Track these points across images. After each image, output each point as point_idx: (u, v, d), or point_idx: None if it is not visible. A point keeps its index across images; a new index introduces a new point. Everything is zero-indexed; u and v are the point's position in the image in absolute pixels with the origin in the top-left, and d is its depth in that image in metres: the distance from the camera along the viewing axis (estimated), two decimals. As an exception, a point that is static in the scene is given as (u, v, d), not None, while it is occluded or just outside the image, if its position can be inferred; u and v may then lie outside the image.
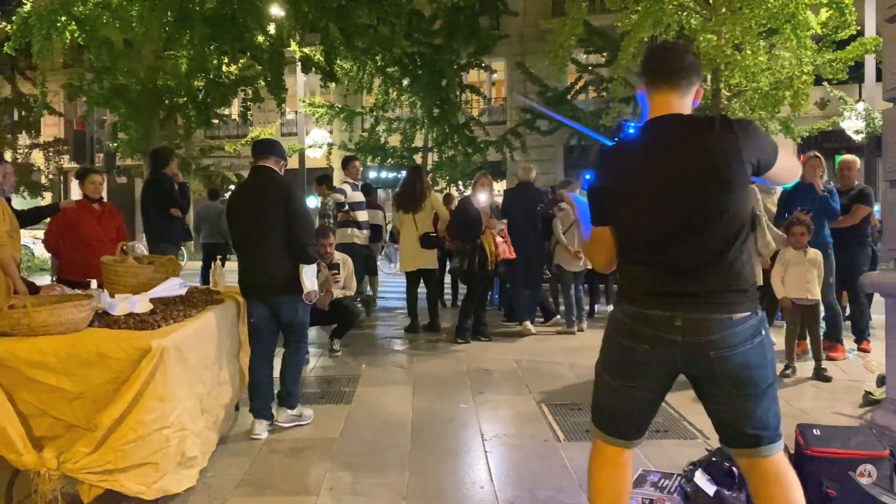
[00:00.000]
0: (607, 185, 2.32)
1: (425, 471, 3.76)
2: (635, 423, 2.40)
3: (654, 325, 2.19)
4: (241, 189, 4.76)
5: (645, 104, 2.34)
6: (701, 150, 2.13)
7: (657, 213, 2.19)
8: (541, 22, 21.37)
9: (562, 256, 8.13)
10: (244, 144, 20.66)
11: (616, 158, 2.35)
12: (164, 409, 3.11)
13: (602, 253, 2.41)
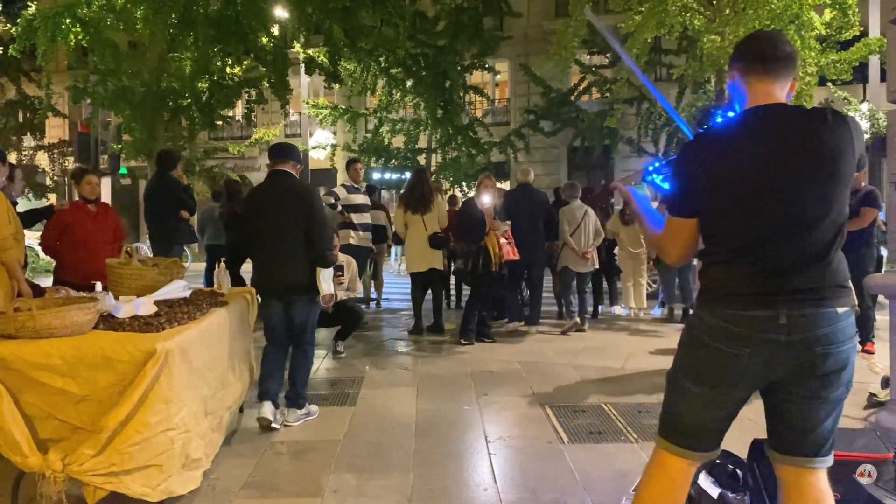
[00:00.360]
0: (702, 175, 2.13)
1: (429, 472, 3.77)
2: (715, 434, 2.28)
3: (755, 326, 2.06)
4: (262, 191, 4.82)
5: (738, 93, 2.22)
6: (815, 143, 2.03)
7: (763, 206, 2.06)
8: (544, 23, 21.38)
9: (569, 258, 8.18)
10: (248, 146, 20.69)
11: (714, 147, 2.16)
12: (168, 411, 3.12)
13: (681, 246, 2.25)
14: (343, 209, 8.24)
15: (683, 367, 2.25)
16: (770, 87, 2.15)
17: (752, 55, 2.18)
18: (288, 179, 4.67)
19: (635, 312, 9.40)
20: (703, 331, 2.16)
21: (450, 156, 17.87)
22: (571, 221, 8.21)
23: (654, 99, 16.76)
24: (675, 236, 2.24)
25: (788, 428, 2.21)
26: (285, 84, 11.88)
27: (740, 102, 2.21)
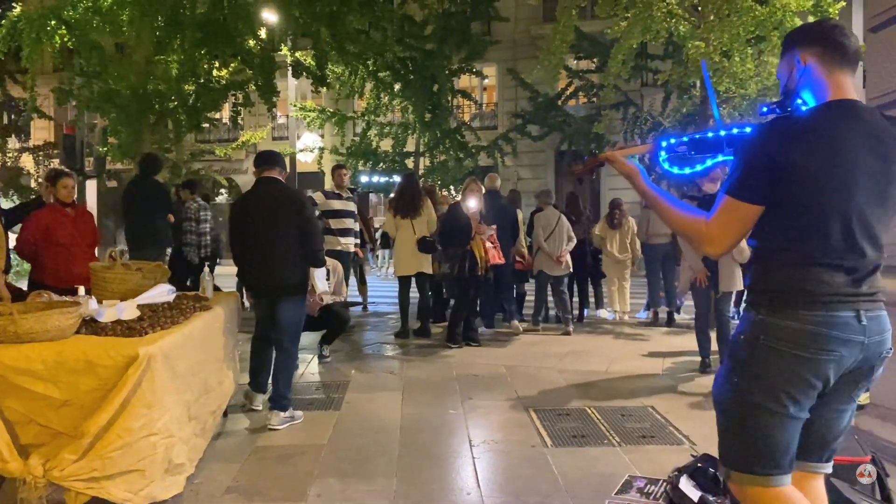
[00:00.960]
0: (784, 163, 1.92)
1: (414, 477, 3.78)
2: (793, 449, 2.05)
3: (840, 327, 1.94)
4: (253, 197, 4.99)
5: (811, 80, 2.06)
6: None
7: (856, 205, 1.93)
8: (532, 28, 21.47)
9: (544, 262, 8.38)
10: (235, 148, 20.61)
11: (803, 136, 1.95)
12: (151, 416, 3.11)
13: (737, 234, 2.02)
14: (321, 215, 8.24)
15: (759, 386, 1.98)
16: (848, 81, 2.04)
17: (835, 43, 2.04)
18: (279, 185, 4.93)
19: (620, 316, 9.47)
20: (778, 339, 1.95)
21: (437, 159, 17.89)
22: (546, 227, 8.44)
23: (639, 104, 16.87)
24: (734, 222, 2.00)
25: (813, 436, 2.09)
26: (272, 87, 11.84)
27: (814, 91, 2.06)
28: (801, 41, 2.11)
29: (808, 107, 2.06)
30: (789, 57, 2.12)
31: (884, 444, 3.91)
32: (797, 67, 2.08)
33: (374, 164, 18.31)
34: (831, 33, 2.06)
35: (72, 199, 5.71)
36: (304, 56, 13.11)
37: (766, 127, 2.01)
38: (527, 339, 8.08)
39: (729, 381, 2.05)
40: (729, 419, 2.07)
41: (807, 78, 2.06)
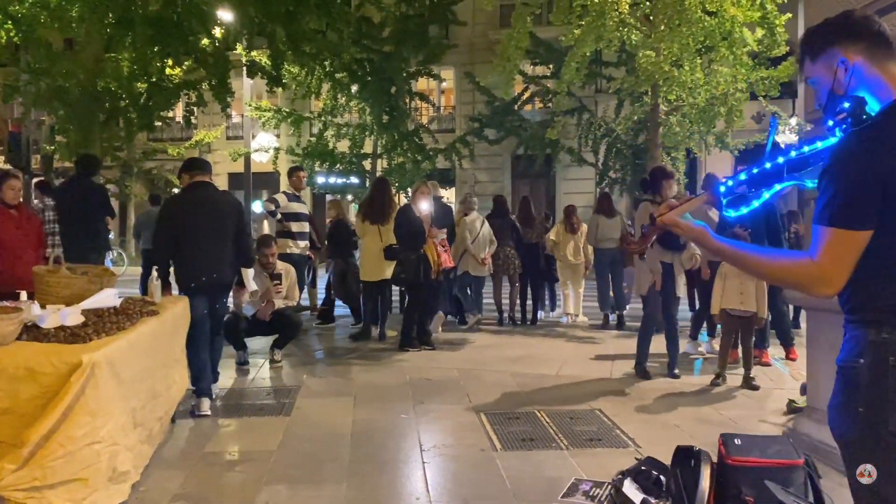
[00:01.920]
0: (885, 177, 1.69)
1: (363, 483, 3.79)
2: None
3: None
4: (190, 198, 5.28)
5: (865, 79, 1.81)
6: None
7: None
8: (489, 32, 21.61)
9: (469, 264, 8.80)
10: (188, 148, 20.31)
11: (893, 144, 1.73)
12: (94, 424, 3.07)
13: (850, 267, 1.74)
14: (282, 217, 8.19)
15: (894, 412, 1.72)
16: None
17: (879, 35, 1.84)
18: (215, 189, 5.41)
19: (572, 318, 9.62)
20: None
21: (395, 161, 17.90)
22: (472, 231, 8.77)
23: (593, 110, 17.12)
24: (848, 255, 1.73)
25: None
26: (226, 86, 11.69)
27: (872, 90, 1.81)
28: (839, 39, 1.85)
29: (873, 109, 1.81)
30: (827, 59, 1.85)
31: (820, 446, 4.05)
32: (842, 68, 1.83)
33: (330, 165, 18.23)
34: (870, 24, 1.86)
35: (17, 201, 5.58)
36: (260, 56, 12.99)
37: (858, 140, 1.76)
38: (481, 343, 8.14)
39: (852, 413, 1.77)
40: (864, 455, 1.76)
41: (859, 77, 1.82)
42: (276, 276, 6.73)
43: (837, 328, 4.01)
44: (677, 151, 14.47)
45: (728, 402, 5.51)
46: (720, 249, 1.98)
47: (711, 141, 14.77)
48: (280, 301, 6.69)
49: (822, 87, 1.88)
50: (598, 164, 17.40)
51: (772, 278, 1.92)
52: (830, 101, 1.84)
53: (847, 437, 1.79)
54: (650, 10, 9.95)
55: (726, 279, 6.03)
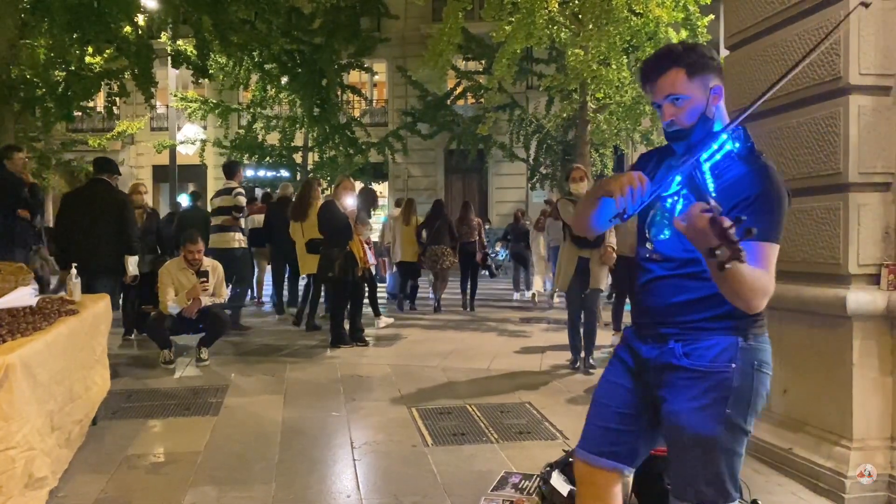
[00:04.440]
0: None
1: (292, 482, 3.75)
2: None
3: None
4: (82, 193, 6.62)
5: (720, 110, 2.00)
6: None
7: None
8: (421, 26, 21.58)
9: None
10: (110, 139, 19.58)
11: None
12: (9, 428, 2.94)
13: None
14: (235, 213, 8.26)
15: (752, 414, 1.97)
16: None
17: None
18: (107, 187, 6.45)
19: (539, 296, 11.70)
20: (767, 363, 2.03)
21: (327, 155, 17.70)
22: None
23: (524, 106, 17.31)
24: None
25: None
26: (150, 76, 11.33)
27: (722, 120, 2.01)
28: (715, 69, 1.98)
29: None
30: (704, 81, 1.95)
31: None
32: (716, 96, 1.97)
33: (260, 158, 17.91)
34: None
35: None
36: (185, 45, 12.63)
37: (771, 166, 1.96)
38: (413, 338, 8.16)
39: (718, 417, 1.91)
40: (720, 453, 1.93)
41: (719, 109, 2.00)
42: (202, 273, 6.57)
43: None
44: (605, 148, 14.79)
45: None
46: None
47: (638, 138, 15.15)
48: (207, 298, 6.54)
49: (695, 107, 1.94)
50: (530, 160, 17.63)
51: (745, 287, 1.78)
52: (702, 122, 1.94)
53: (708, 436, 1.92)
54: (579, 8, 10.13)
55: None
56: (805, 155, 3.84)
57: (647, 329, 2.09)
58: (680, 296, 1.99)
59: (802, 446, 3.74)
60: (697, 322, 1.97)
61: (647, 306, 2.09)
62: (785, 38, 3.98)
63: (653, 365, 2.04)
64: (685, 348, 1.97)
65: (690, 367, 1.95)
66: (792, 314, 3.94)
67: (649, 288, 2.08)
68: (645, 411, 2.09)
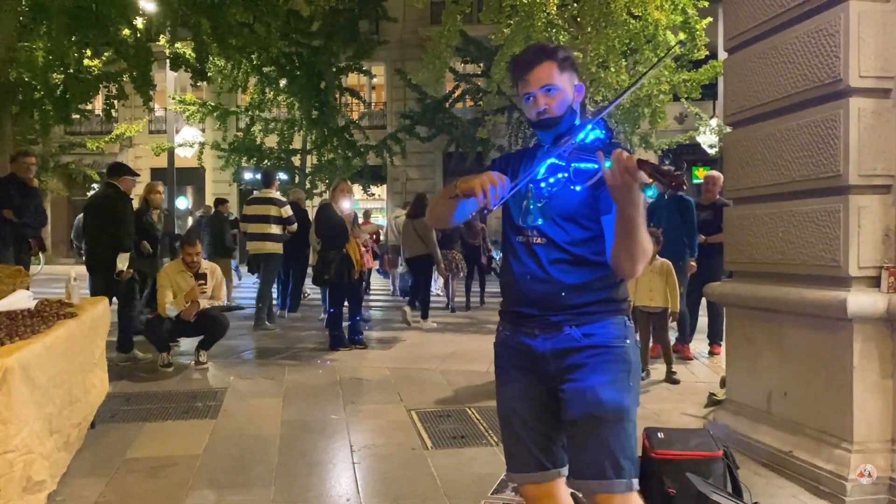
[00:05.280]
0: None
1: (291, 485, 3.74)
2: None
3: None
4: (90, 198, 7.44)
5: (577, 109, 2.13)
6: None
7: None
8: (420, 29, 21.61)
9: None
10: (108, 142, 19.57)
11: None
12: (7, 432, 2.93)
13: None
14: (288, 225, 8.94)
15: (639, 386, 2.14)
16: None
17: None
18: (110, 189, 6.92)
19: None
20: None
21: (325, 157, 17.69)
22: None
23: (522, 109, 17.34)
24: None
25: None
26: (148, 79, 11.29)
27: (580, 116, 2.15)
28: (576, 68, 2.15)
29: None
30: (571, 77, 2.11)
31: (738, 437, 4.22)
32: (580, 93, 2.14)
33: (258, 160, 17.89)
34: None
35: None
36: (184, 48, 12.62)
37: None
38: (412, 341, 8.15)
39: (627, 389, 2.03)
40: (631, 425, 2.02)
41: (578, 104, 2.14)
42: (200, 276, 6.56)
43: (755, 322, 4.18)
44: (603, 150, 14.79)
45: (651, 396, 5.67)
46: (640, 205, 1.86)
47: (636, 141, 15.19)
48: (205, 301, 6.53)
49: (564, 98, 2.06)
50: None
51: (643, 246, 1.88)
52: (570, 114, 2.07)
53: (623, 407, 1.99)
54: (578, 11, 10.13)
55: (638, 277, 6.19)
56: (805, 157, 3.84)
57: (533, 321, 2.09)
58: (568, 280, 2.05)
59: (803, 449, 3.74)
60: (590, 305, 2.05)
61: (531, 296, 2.08)
62: (784, 40, 3.98)
63: (550, 355, 2.06)
64: (582, 330, 2.04)
65: (596, 345, 2.03)
66: (792, 317, 3.95)
67: (531, 277, 2.08)
68: (551, 406, 2.09)
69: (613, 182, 1.74)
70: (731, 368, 4.66)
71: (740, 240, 4.48)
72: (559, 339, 2.05)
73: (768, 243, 4.18)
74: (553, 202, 2.04)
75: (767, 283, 4.18)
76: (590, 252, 2.04)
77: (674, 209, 6.99)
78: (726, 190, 4.83)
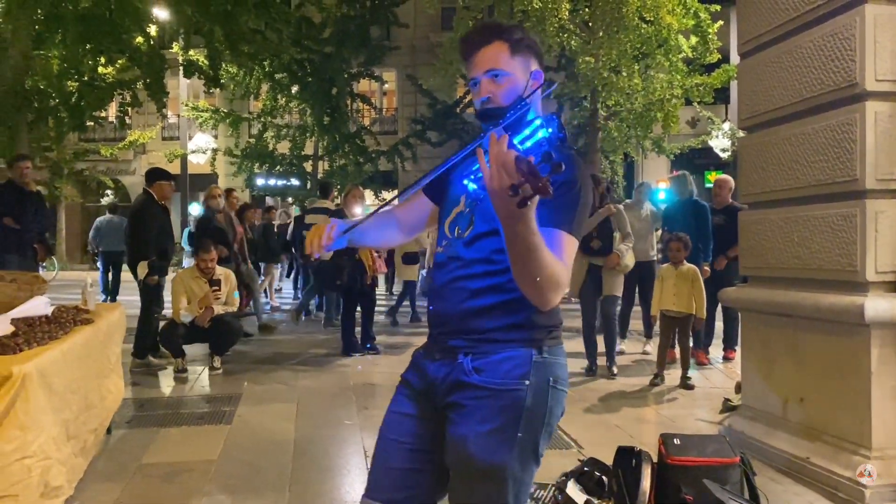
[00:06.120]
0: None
1: (305, 491, 3.74)
2: None
3: None
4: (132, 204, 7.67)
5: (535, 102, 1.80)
6: None
7: None
8: (431, 35, 21.68)
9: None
10: (122, 148, 19.73)
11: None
12: (25, 438, 2.95)
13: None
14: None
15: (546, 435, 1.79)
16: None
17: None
18: (140, 198, 7.02)
19: None
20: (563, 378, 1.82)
21: (337, 163, 17.76)
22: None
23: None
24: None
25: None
26: (162, 86, 11.42)
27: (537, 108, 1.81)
28: (537, 54, 1.82)
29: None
30: (525, 62, 1.78)
31: (754, 443, 4.19)
32: (535, 81, 1.79)
33: (270, 166, 17.99)
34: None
35: None
36: (197, 55, 12.73)
37: (580, 161, 1.79)
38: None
39: (510, 442, 1.68)
40: (510, 483, 1.70)
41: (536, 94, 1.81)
42: (214, 282, 6.59)
43: (770, 328, 4.15)
44: (615, 155, 14.77)
45: (667, 402, 5.65)
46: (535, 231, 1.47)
47: (648, 145, 15.15)
48: (219, 307, 6.56)
49: (514, 86, 1.74)
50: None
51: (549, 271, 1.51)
52: (518, 102, 1.71)
53: (499, 465, 1.67)
54: (589, 16, 10.13)
55: (664, 281, 6.20)
56: (821, 162, 3.82)
57: (437, 343, 1.82)
58: (472, 300, 1.73)
59: (820, 455, 3.71)
60: (490, 332, 1.72)
61: (438, 312, 1.82)
62: (799, 44, 3.97)
63: (441, 385, 1.77)
64: (475, 363, 1.71)
65: (481, 385, 1.70)
66: (809, 322, 3.92)
67: (440, 291, 1.80)
68: (438, 442, 1.77)
69: (488, 182, 1.36)
70: (746, 374, 4.63)
71: (755, 244, 4.45)
72: (452, 368, 1.74)
73: (784, 248, 4.16)
74: (480, 206, 1.73)
75: (783, 288, 4.16)
76: (503, 269, 1.65)
77: (688, 214, 6.97)
78: (741, 194, 4.81)
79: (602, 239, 6.37)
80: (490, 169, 1.35)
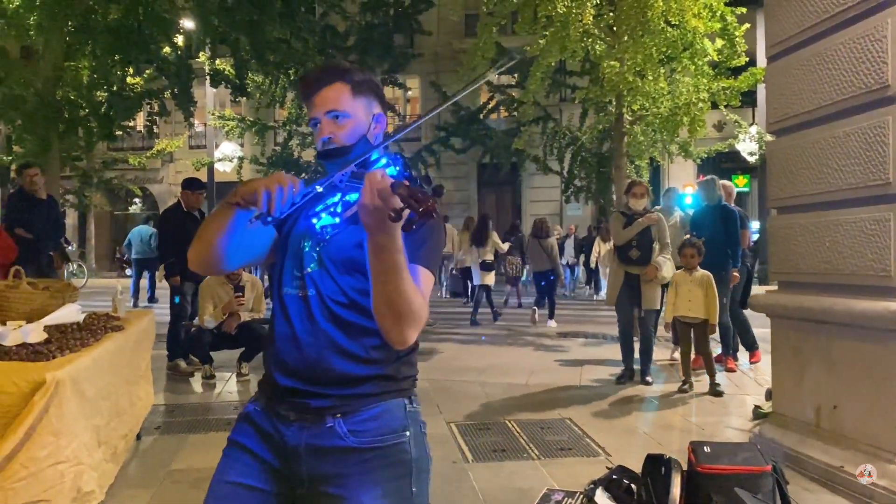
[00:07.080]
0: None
1: (333, 497, 3.74)
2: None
3: None
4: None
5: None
6: None
7: None
8: (454, 42, 21.72)
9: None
10: (150, 157, 20.00)
11: None
12: (58, 443, 2.99)
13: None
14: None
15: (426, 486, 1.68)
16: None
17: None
18: (170, 206, 7.48)
19: None
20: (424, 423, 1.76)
21: (360, 171, 17.82)
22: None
23: (557, 119, 17.27)
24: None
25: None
26: (189, 95, 11.57)
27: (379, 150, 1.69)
28: (379, 97, 1.80)
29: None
30: (367, 104, 1.75)
31: (786, 451, 4.13)
32: (378, 124, 1.77)
33: (296, 174, 18.05)
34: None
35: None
36: (223, 64, 12.88)
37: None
38: (449, 353, 8.14)
39: (406, 497, 1.60)
40: None
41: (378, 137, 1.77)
42: (239, 289, 6.64)
43: (801, 334, 4.09)
44: (641, 160, 14.66)
45: (695, 409, 5.58)
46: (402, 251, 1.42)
47: (674, 150, 15.01)
48: (246, 313, 6.61)
49: (356, 127, 1.71)
50: (564, 173, 17.56)
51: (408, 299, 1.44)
52: (363, 144, 1.69)
53: None
54: (614, 20, 10.07)
55: (678, 287, 6.14)
56: (852, 165, 3.76)
57: (290, 401, 1.61)
58: (336, 348, 1.59)
59: (854, 464, 3.64)
60: (361, 383, 1.59)
61: (291, 364, 1.61)
62: (829, 46, 3.92)
63: (307, 452, 1.59)
64: (349, 424, 1.58)
65: (363, 447, 1.57)
66: (841, 328, 3.86)
67: (292, 338, 1.61)
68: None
69: (363, 201, 1.33)
70: (777, 381, 4.56)
71: (785, 249, 4.39)
72: (319, 434, 1.58)
73: (814, 253, 4.09)
74: (331, 244, 1.64)
75: (814, 294, 4.09)
76: (367, 312, 1.53)
77: (717, 219, 6.89)
78: (769, 199, 4.74)
79: (641, 248, 6.33)
80: (366, 191, 1.32)
